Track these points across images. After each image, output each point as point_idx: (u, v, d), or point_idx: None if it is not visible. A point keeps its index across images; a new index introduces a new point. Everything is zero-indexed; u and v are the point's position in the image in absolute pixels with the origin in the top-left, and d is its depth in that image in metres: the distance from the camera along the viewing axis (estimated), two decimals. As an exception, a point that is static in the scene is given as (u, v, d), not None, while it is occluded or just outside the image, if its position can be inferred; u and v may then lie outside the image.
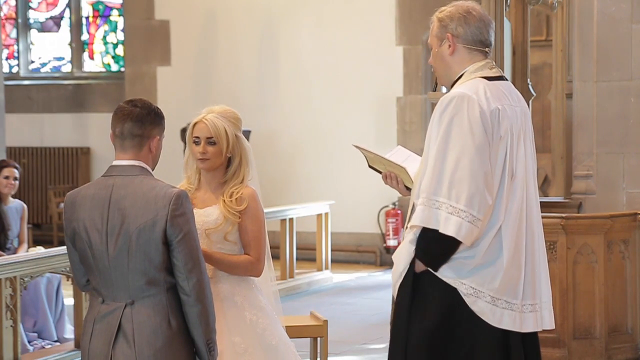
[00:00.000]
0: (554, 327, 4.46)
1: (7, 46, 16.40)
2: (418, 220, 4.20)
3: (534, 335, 4.41)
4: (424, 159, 4.35)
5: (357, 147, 4.71)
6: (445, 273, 4.24)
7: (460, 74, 4.38)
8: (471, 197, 4.14)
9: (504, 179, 4.26)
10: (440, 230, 4.14)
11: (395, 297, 4.43)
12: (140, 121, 3.95)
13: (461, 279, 4.23)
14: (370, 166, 4.73)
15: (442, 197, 4.15)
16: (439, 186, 4.17)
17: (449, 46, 4.38)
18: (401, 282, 4.33)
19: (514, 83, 8.40)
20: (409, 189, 4.55)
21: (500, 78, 4.41)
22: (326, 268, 12.08)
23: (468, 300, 4.23)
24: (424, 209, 4.18)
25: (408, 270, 4.30)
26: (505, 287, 4.25)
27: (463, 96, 4.23)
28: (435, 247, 4.21)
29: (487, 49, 4.41)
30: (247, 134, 7.88)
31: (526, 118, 4.41)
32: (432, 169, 4.19)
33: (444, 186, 4.16)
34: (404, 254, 4.32)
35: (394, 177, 4.59)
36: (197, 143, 4.63)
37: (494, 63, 4.46)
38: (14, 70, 16.51)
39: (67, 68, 16.47)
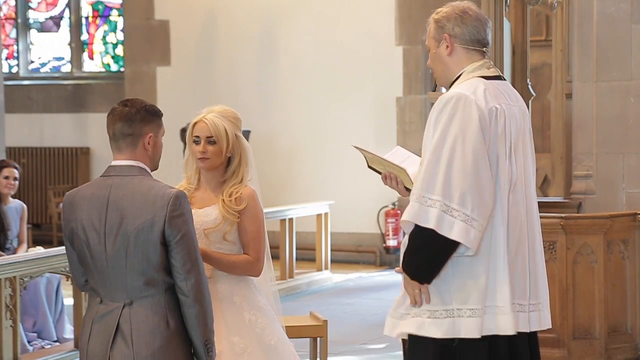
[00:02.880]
0: (550, 327, 4.46)
1: (7, 46, 16.39)
2: (407, 215, 4.16)
3: (534, 335, 4.41)
4: (422, 160, 4.34)
5: (356, 147, 4.70)
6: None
7: (459, 74, 4.37)
8: (463, 195, 4.11)
9: (505, 179, 4.25)
10: (431, 227, 4.09)
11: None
12: (130, 120, 3.94)
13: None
14: (369, 166, 4.72)
15: (436, 195, 4.13)
16: (432, 184, 4.14)
17: (447, 47, 4.37)
18: None
19: (513, 83, 8.45)
20: (408, 190, 4.54)
21: (498, 78, 4.40)
22: (326, 268, 12.08)
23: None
24: (413, 205, 4.14)
25: None
26: (515, 291, 4.24)
27: (460, 96, 4.22)
28: (430, 248, 4.18)
29: (484, 49, 4.40)
30: (246, 134, 7.88)
31: (525, 118, 4.40)
32: (425, 167, 4.17)
33: (438, 184, 4.13)
34: None
35: (394, 177, 4.57)
36: (197, 142, 4.63)
37: (492, 62, 4.46)
38: (14, 70, 16.51)
39: (66, 68, 16.46)
